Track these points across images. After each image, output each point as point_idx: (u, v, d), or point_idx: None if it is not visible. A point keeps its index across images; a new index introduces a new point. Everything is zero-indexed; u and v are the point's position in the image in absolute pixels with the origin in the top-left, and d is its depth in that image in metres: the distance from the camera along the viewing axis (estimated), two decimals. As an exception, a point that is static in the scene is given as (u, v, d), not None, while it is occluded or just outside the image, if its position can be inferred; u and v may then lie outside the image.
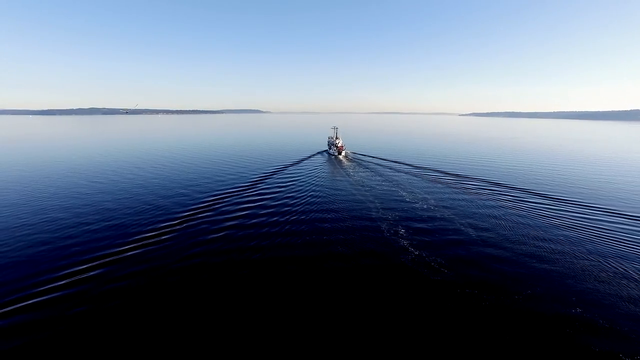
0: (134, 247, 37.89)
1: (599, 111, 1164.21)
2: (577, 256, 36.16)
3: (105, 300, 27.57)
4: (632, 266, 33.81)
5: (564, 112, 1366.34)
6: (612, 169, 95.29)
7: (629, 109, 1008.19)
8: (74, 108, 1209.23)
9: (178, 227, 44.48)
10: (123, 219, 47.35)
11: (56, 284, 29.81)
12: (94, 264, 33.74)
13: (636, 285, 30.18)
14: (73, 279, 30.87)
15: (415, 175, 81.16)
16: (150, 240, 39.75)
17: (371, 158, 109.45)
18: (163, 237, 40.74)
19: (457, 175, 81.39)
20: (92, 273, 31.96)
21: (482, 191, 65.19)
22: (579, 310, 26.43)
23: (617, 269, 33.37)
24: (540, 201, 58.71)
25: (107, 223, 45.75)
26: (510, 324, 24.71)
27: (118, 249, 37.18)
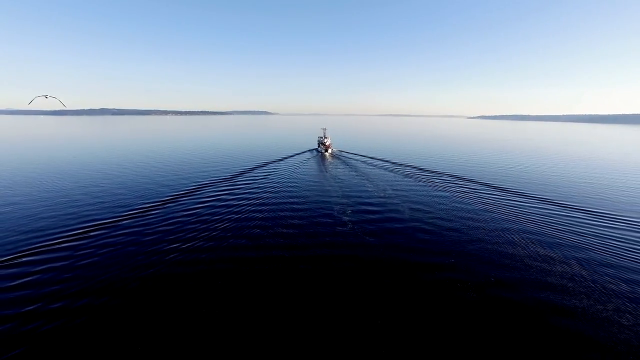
0: (132, 214, 46.62)
1: (610, 114, 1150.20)
2: (490, 229, 43.34)
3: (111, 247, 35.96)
4: (526, 235, 40.93)
5: (574, 115, 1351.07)
6: (570, 166, 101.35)
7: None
8: (85, 108, 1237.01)
9: (172, 203, 54.16)
10: (130, 196, 56.97)
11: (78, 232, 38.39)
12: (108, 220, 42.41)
13: (521, 249, 37.28)
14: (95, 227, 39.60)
15: (389, 170, 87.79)
16: (145, 212, 48.88)
17: (355, 155, 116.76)
18: (154, 210, 50.01)
19: (427, 170, 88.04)
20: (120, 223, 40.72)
21: (439, 182, 72.13)
22: (452, 260, 34.28)
23: (512, 238, 40.60)
24: (486, 190, 65.55)
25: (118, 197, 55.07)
26: (408, 280, 32.10)
27: (125, 214, 45.97)
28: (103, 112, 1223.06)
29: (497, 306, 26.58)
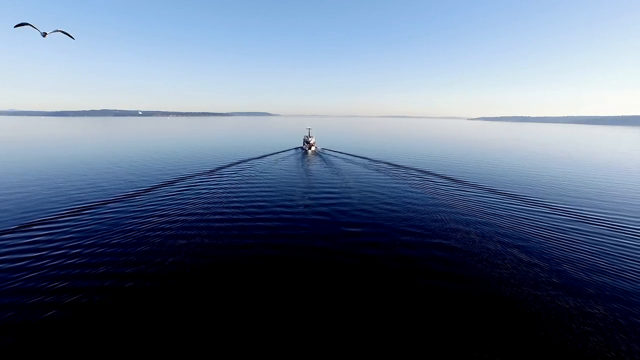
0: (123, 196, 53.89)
1: (610, 116, 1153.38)
2: (423, 210, 50.23)
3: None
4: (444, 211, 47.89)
5: (575, 116, 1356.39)
6: (527, 162, 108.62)
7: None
8: (87, 110, 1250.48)
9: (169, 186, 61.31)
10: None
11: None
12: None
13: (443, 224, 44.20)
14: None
15: (363, 165, 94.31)
16: (135, 195, 55.78)
17: (336, 153, 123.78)
18: (139, 196, 56.89)
19: (397, 165, 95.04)
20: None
21: (403, 175, 79.11)
22: (378, 223, 41.40)
23: (432, 215, 47.60)
24: (440, 181, 72.32)
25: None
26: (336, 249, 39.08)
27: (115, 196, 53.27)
28: (104, 113, 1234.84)
29: (398, 256, 34.32)
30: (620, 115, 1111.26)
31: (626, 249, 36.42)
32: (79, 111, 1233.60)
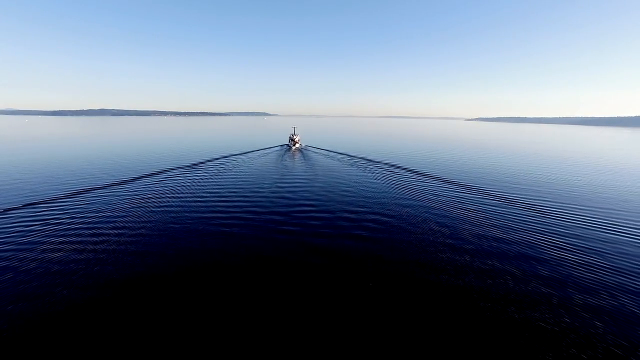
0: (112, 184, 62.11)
1: (606, 117, 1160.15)
2: (375, 195, 58.39)
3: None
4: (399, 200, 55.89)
5: (571, 117, 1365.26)
6: (503, 159, 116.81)
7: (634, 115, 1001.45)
8: (84, 109, 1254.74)
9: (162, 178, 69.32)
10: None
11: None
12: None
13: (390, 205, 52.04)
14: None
15: (340, 160, 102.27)
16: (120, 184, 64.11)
17: (319, 149, 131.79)
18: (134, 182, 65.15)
19: (372, 160, 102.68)
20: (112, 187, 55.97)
21: (372, 168, 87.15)
22: (332, 201, 49.47)
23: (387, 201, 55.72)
24: (406, 174, 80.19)
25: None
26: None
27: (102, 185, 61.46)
28: (102, 112, 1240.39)
29: (340, 217, 42.96)
30: (617, 116, 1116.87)
31: (521, 219, 45.43)
32: (77, 110, 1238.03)
